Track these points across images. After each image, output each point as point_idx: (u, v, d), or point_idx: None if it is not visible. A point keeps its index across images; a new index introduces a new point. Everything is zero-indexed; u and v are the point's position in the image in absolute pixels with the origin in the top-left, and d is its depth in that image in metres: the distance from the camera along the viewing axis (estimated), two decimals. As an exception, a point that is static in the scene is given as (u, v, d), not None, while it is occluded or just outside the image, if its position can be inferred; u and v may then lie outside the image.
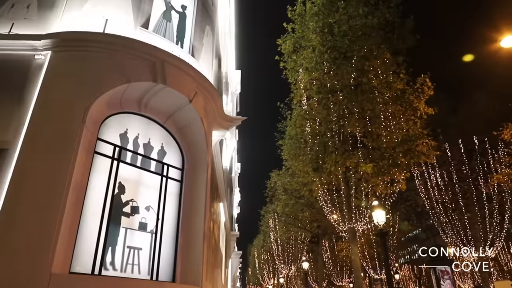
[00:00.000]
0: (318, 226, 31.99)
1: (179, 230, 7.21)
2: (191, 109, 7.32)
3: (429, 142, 16.71)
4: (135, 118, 7.09)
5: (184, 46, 8.42)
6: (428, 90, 16.81)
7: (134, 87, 6.49)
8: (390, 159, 15.45)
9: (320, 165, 16.13)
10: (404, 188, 17.00)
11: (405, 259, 72.97)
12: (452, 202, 25.67)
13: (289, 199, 28.46)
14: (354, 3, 16.56)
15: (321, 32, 16.66)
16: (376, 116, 15.85)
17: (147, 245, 6.64)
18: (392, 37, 16.56)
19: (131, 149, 6.83)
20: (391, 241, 39.45)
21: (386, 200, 17.13)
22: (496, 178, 22.92)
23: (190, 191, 7.56)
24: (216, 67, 11.96)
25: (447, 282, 20.08)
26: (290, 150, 18.58)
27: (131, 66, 6.38)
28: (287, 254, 42.82)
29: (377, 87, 15.80)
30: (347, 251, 40.89)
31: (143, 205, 6.78)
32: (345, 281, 51.54)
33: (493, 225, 24.41)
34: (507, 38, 11.87)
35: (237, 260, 42.51)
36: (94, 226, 5.87)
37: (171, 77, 6.79)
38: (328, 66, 16.20)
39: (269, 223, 42.37)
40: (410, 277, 59.98)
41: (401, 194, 26.42)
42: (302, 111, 17.54)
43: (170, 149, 7.59)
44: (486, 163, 24.37)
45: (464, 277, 49.22)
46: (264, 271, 63.19)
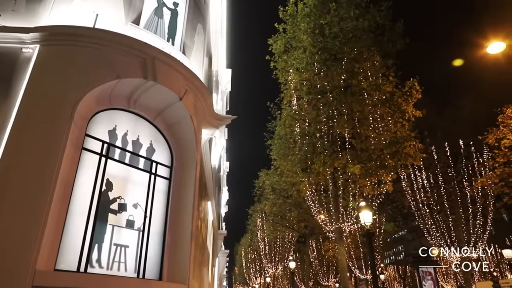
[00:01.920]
0: (305, 226, 32.16)
1: (166, 228, 7.18)
2: (181, 107, 7.29)
3: (416, 145, 16.96)
4: (124, 115, 7.03)
5: (175, 43, 8.39)
6: (416, 94, 17.06)
7: (124, 83, 6.44)
8: (377, 160, 15.62)
9: (308, 166, 16.23)
10: (391, 189, 17.21)
11: (391, 259, 73.86)
12: (437, 204, 26.06)
13: (277, 199, 28.56)
14: (346, 5, 16.68)
15: (312, 33, 16.75)
16: (365, 117, 16.01)
17: (134, 242, 6.60)
18: (382, 40, 16.74)
19: (120, 146, 6.78)
20: (377, 242, 39.86)
21: (373, 201, 17.33)
22: (480, 181, 23.36)
23: (179, 189, 7.53)
24: (207, 65, 11.93)
25: (429, 283, 20.42)
26: (279, 150, 18.66)
27: (121, 62, 6.33)
28: (274, 253, 42.94)
29: (367, 89, 15.96)
30: (334, 251, 41.24)
31: (131, 203, 6.73)
32: (331, 281, 51.91)
33: (476, 227, 24.86)
34: (493, 45, 12.12)
35: (224, 259, 42.52)
36: (80, 223, 5.81)
37: (161, 74, 6.76)
38: (318, 67, 16.30)
39: (256, 222, 42.46)
40: (395, 277, 60.68)
41: (388, 195, 26.75)
42: (292, 111, 17.61)
43: (159, 147, 7.55)
44: (471, 167, 24.81)
45: (447, 278, 50.06)
46: (251, 270, 63.24)
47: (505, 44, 12.15)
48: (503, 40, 12.24)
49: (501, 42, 12.17)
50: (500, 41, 12.20)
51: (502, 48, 12.27)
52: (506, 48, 12.34)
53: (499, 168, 22.04)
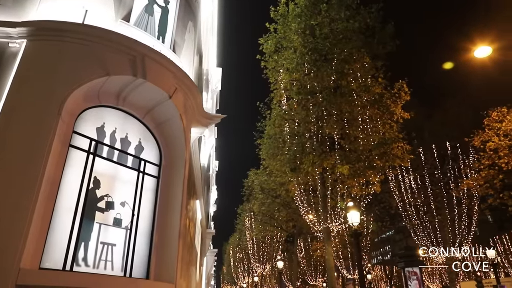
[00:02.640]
0: (293, 226, 32.29)
1: (154, 226, 7.13)
2: (170, 105, 7.25)
3: (404, 146, 17.16)
4: (113, 112, 6.97)
5: (166, 41, 8.34)
6: (405, 95, 17.27)
7: (113, 80, 6.38)
8: (366, 161, 15.77)
9: (297, 165, 16.29)
10: (379, 190, 17.38)
11: (378, 259, 74.59)
12: (424, 205, 26.42)
13: (266, 198, 28.62)
14: (336, 7, 16.79)
15: (302, 33, 16.83)
16: (354, 118, 16.14)
17: (121, 241, 6.55)
18: (372, 42, 16.89)
19: (108, 144, 6.72)
20: (364, 242, 40.21)
21: (361, 202, 17.46)
22: (466, 183, 23.74)
23: (167, 188, 7.50)
24: (197, 64, 11.89)
25: (414, 283, 20.73)
26: (269, 149, 18.69)
27: (110, 59, 6.27)
28: (262, 253, 43.00)
29: (356, 90, 16.09)
30: (322, 251, 41.46)
31: (118, 201, 6.68)
32: (318, 281, 52.19)
33: (461, 228, 25.26)
34: (480, 49, 12.32)
35: (212, 258, 42.44)
36: (67, 220, 5.74)
37: (151, 72, 6.72)
38: (308, 67, 16.38)
39: (245, 221, 42.47)
40: (382, 277, 61.32)
41: (376, 196, 27.04)
42: (282, 111, 17.67)
43: (148, 145, 7.50)
44: (457, 168, 25.20)
45: (433, 278, 50.81)
46: (239, 270, 63.23)
47: (491, 49, 12.36)
48: (489, 45, 12.46)
49: (487, 46, 12.37)
50: (486, 45, 12.41)
51: (488, 52, 12.48)
52: (492, 52, 12.55)
53: (484, 170, 22.42)
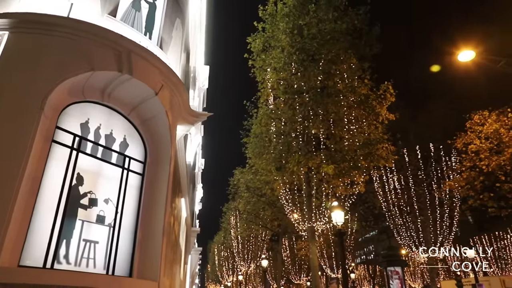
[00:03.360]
0: (278, 225, 32.37)
1: (138, 224, 7.07)
2: (156, 102, 7.20)
3: (388, 147, 17.37)
4: (98, 108, 6.88)
5: (153, 37, 8.27)
6: (390, 97, 17.47)
7: (98, 76, 6.30)
8: (351, 161, 15.90)
9: (283, 165, 16.34)
10: (363, 190, 17.55)
11: (361, 259, 75.36)
12: (407, 205, 26.80)
13: (251, 197, 28.63)
14: (325, 8, 16.88)
15: (290, 33, 16.87)
16: (340, 119, 16.26)
17: (104, 238, 6.48)
18: (359, 43, 17.03)
19: (92, 140, 6.63)
20: (348, 241, 40.57)
21: (346, 201, 17.61)
22: (448, 184, 24.18)
23: (152, 185, 7.44)
24: (184, 61, 11.82)
25: (396, 282, 21.05)
26: (255, 148, 18.67)
27: (96, 54, 6.18)
28: (247, 251, 43.02)
29: (342, 90, 16.21)
30: (306, 250, 41.65)
31: (102, 198, 6.60)
32: (303, 279, 52.50)
33: (443, 228, 25.72)
34: (464, 53, 12.54)
35: (196, 256, 42.17)
36: (48, 217, 5.65)
37: (137, 68, 6.65)
38: (296, 67, 16.43)
39: (230, 220, 42.42)
40: (365, 276, 62.09)
41: (360, 196, 27.31)
42: (268, 110, 17.68)
43: (133, 142, 7.43)
44: (440, 170, 25.64)
45: (415, 277, 51.71)
46: (224, 268, 63.17)
47: (474, 53, 12.58)
48: (473, 49, 12.68)
49: (471, 50, 12.59)
50: (470, 49, 12.62)
51: (472, 56, 12.70)
52: (475, 56, 12.77)
53: (465, 171, 22.86)
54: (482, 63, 13.37)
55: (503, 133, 21.87)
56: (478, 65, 13.64)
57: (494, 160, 21.67)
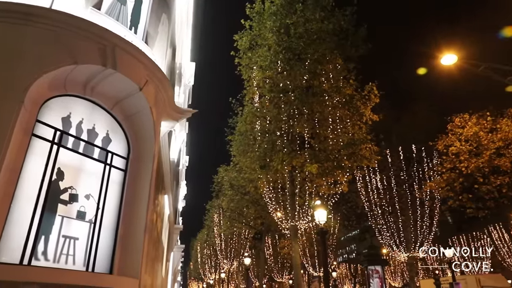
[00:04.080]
0: (262, 223, 32.43)
1: (119, 220, 6.98)
2: (140, 97, 7.11)
3: (372, 147, 17.60)
4: (80, 102, 6.75)
5: (138, 32, 8.15)
6: (375, 98, 17.70)
7: (81, 69, 6.19)
8: (334, 161, 16.05)
9: (267, 163, 16.39)
10: (346, 190, 17.75)
11: (343, 258, 76.21)
12: (389, 205, 27.20)
13: (235, 195, 28.62)
14: (312, 7, 16.96)
15: (277, 32, 16.91)
16: (325, 118, 16.39)
17: (84, 235, 6.38)
18: (345, 44, 17.19)
19: (74, 134, 6.51)
20: (330, 240, 40.95)
21: (329, 201, 17.77)
22: (429, 185, 24.64)
23: (134, 182, 7.36)
24: (170, 57, 11.71)
25: (376, 281, 21.41)
26: (239, 146, 18.67)
27: (79, 47, 6.07)
28: (230, 249, 43.00)
29: (328, 90, 16.34)
30: (289, 248, 41.88)
31: (83, 193, 6.49)
32: (285, 278, 52.80)
33: (423, 228, 26.21)
34: (446, 56, 12.79)
35: (179, 254, 41.99)
36: (26, 212, 5.53)
37: (122, 62, 6.56)
38: (282, 66, 16.48)
39: (213, 217, 42.31)
40: (346, 275, 62.81)
41: (343, 195, 27.57)
42: (254, 108, 17.70)
43: (116, 137, 7.33)
44: (421, 171, 26.10)
45: (395, 276, 52.60)
46: (206, 266, 63.04)
47: (456, 57, 12.84)
48: (455, 53, 12.93)
49: (453, 54, 12.83)
50: (452, 53, 12.87)
51: (454, 60, 12.95)
52: (458, 60, 13.03)
53: (446, 173, 23.33)
54: (464, 67, 13.64)
55: (482, 136, 22.40)
56: (461, 69, 13.91)
57: (473, 162, 22.17)
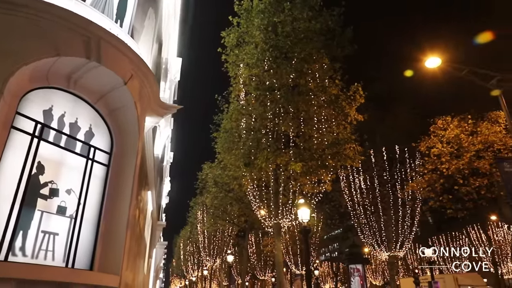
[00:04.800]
0: (245, 221, 32.48)
1: (101, 216, 6.89)
2: (125, 91, 7.01)
3: (355, 147, 17.79)
4: (63, 95, 6.62)
5: (124, 25, 8.03)
6: (360, 98, 17.88)
7: (64, 61, 6.06)
8: (319, 160, 16.16)
9: (251, 161, 16.40)
10: (330, 189, 17.90)
11: (326, 256, 76.95)
12: (371, 205, 27.56)
13: (219, 192, 28.57)
14: (300, 6, 17.00)
15: (265, 30, 16.90)
16: (310, 118, 16.48)
17: (64, 230, 6.26)
18: (332, 44, 17.30)
19: (55, 128, 6.38)
20: (313, 239, 41.25)
21: (312, 199, 17.89)
22: (410, 186, 25.07)
23: (117, 177, 7.26)
24: (156, 52, 11.59)
25: (356, 279, 21.77)
26: (224, 143, 18.62)
27: (62, 39, 5.94)
28: (213, 246, 42.92)
29: (313, 90, 16.42)
30: (272, 246, 42.01)
31: (64, 188, 6.37)
32: (268, 275, 52.99)
33: (404, 228, 26.66)
34: (430, 60, 13.02)
35: (162, 250, 41.68)
36: (4, 207, 5.39)
37: (106, 56, 6.45)
38: (268, 64, 16.49)
39: (197, 214, 42.15)
40: (328, 273, 63.44)
41: (327, 194, 27.81)
42: (239, 106, 17.67)
43: (99, 131, 7.21)
44: (404, 171, 26.52)
45: (376, 274, 53.39)
46: (189, 263, 62.79)
47: (440, 60, 13.08)
48: (439, 56, 13.17)
49: (437, 58, 13.07)
50: (436, 56, 13.10)
51: (438, 63, 13.19)
52: (442, 63, 13.28)
53: (427, 174, 23.76)
54: (448, 71, 13.90)
55: (463, 138, 22.91)
56: (444, 72, 14.17)
57: (453, 164, 22.64)
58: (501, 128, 22.51)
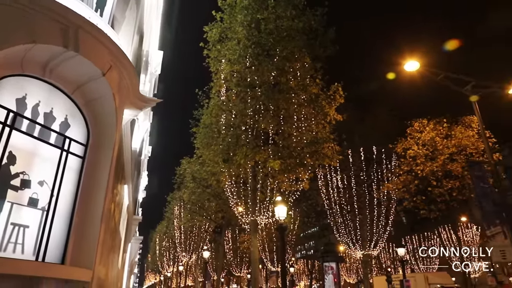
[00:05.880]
0: (222, 217, 32.44)
1: (75, 209, 6.74)
2: (103, 82, 6.86)
3: (334, 147, 18.00)
4: (38, 84, 6.43)
5: (104, 15, 7.85)
6: (340, 98, 18.09)
7: (40, 49, 5.88)
8: (297, 158, 16.27)
9: (230, 157, 16.36)
10: (307, 187, 18.06)
11: (302, 254, 77.73)
12: (348, 204, 27.98)
13: (197, 188, 28.45)
14: (283, 4, 17.03)
15: (248, 26, 16.86)
16: (290, 116, 16.57)
17: (36, 223, 6.09)
18: (314, 44, 17.42)
19: (29, 117, 6.19)
20: (290, 237, 41.58)
21: (289, 197, 18.00)
22: (386, 186, 25.57)
23: (93, 169, 7.12)
24: (137, 44, 11.40)
25: (330, 277, 22.15)
26: (203, 138, 18.50)
27: (39, 26, 5.76)
28: (189, 242, 42.67)
29: (294, 88, 16.50)
30: (249, 243, 42.11)
31: (36, 180, 6.19)
32: (243, 272, 53.13)
33: (378, 227, 27.20)
34: (409, 63, 13.30)
35: (137, 245, 41.15)
36: (-28, 197, 5.21)
37: (85, 45, 6.30)
38: (250, 60, 16.46)
39: (174, 210, 41.79)
40: (304, 271, 64.14)
41: (304, 192, 28.05)
42: (220, 101, 17.58)
43: (75, 122, 7.04)
44: (380, 172, 27.02)
45: (350, 272, 54.31)
46: (164, 258, 62.28)
47: (419, 64, 13.36)
48: (417, 60, 13.46)
49: (415, 61, 13.35)
50: (415, 60, 13.38)
51: (416, 67, 13.48)
52: (420, 67, 13.58)
53: (403, 175, 24.30)
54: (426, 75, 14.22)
55: (438, 141, 23.56)
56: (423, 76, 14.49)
57: (428, 165, 23.26)
58: (474, 132, 23.28)
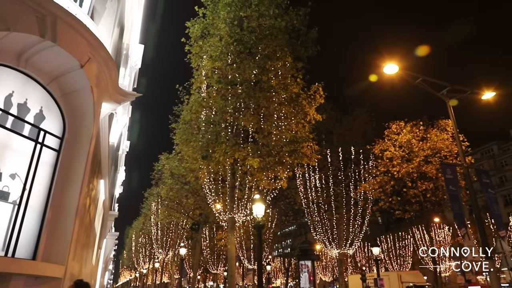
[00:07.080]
0: (200, 214, 32.33)
1: (48, 203, 6.58)
2: (81, 75, 6.71)
3: (313, 146, 18.18)
4: (12, 73, 6.23)
5: (84, 5, 7.69)
6: (320, 98, 18.29)
7: (15, 37, 5.70)
8: (276, 156, 16.35)
9: (209, 154, 16.30)
10: (286, 186, 18.17)
11: (279, 252, 78.17)
12: (325, 203, 28.32)
13: (175, 184, 28.26)
14: (267, 3, 17.06)
15: (230, 23, 16.80)
16: (270, 114, 16.64)
17: (6, 217, 5.92)
18: (296, 43, 17.54)
19: (1, 107, 6.00)
20: (267, 234, 41.76)
21: (268, 195, 18.09)
22: (363, 186, 26.02)
23: (68, 163, 6.96)
24: (117, 36, 11.19)
25: (305, 275, 22.49)
26: (182, 135, 18.38)
27: (13, 13, 5.58)
28: (166, 239, 42.30)
29: (275, 87, 16.57)
30: (226, 240, 42.07)
31: (8, 172, 6.02)
32: (220, 269, 53.05)
33: (355, 227, 27.65)
34: (388, 66, 13.54)
35: (112, 241, 40.48)
36: None
37: (63, 35, 6.14)
38: (232, 58, 16.44)
39: (151, 206, 41.33)
40: (280, 269, 64.60)
41: (282, 191, 28.25)
42: (200, 98, 17.49)
43: (50, 115, 6.86)
44: (358, 172, 27.46)
45: (326, 271, 55.06)
46: (140, 255, 61.54)
47: (397, 67, 13.62)
48: (396, 63, 13.71)
49: (394, 64, 13.60)
50: (394, 63, 13.63)
51: (396, 70, 13.74)
52: (399, 71, 13.84)
53: (379, 176, 24.77)
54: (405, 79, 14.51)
55: (414, 143, 24.13)
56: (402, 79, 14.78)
57: (404, 167, 23.79)
58: (449, 135, 23.97)
